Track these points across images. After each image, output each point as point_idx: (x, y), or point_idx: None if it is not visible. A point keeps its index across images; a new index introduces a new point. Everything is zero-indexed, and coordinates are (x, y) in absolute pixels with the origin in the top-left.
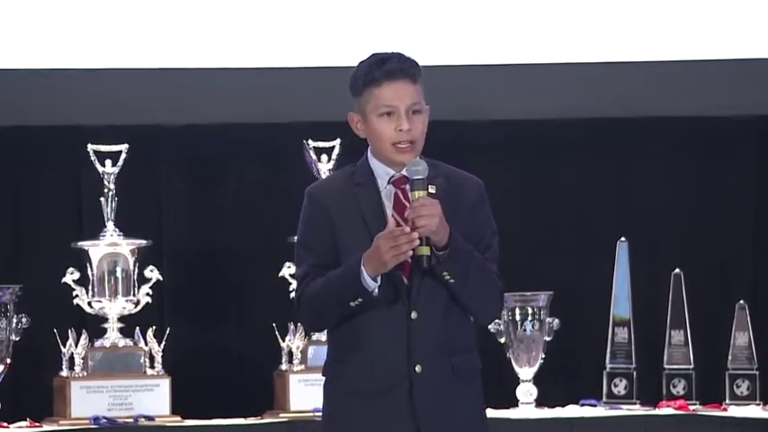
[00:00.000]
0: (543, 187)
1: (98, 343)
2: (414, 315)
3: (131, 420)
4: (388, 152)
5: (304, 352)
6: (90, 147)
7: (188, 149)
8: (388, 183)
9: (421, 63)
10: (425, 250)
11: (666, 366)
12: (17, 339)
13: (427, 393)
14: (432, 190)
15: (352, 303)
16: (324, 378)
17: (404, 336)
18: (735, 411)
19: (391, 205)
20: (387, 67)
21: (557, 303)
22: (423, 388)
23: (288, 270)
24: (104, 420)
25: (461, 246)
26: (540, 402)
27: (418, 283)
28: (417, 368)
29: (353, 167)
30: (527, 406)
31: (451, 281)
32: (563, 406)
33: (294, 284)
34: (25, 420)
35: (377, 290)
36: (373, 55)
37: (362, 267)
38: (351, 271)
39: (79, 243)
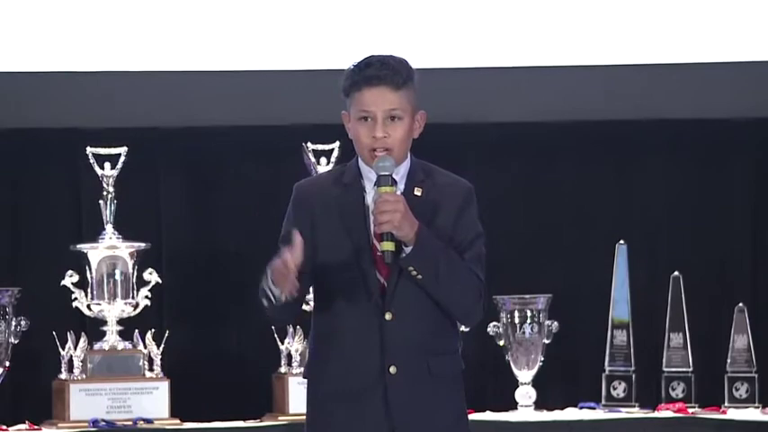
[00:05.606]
0: (542, 190)
1: (97, 346)
2: (388, 316)
3: (130, 423)
4: (365, 157)
5: (303, 354)
6: (89, 149)
7: (187, 152)
8: (375, 185)
9: (420, 66)
10: (388, 245)
11: (665, 369)
12: (16, 342)
13: (402, 395)
14: (417, 192)
15: (264, 303)
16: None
17: (377, 337)
18: (734, 414)
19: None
20: (367, 72)
21: (556, 306)
22: (397, 389)
23: None
24: (103, 423)
25: (430, 242)
26: (539, 405)
27: (395, 284)
28: (392, 369)
29: (344, 167)
30: (526, 409)
31: (419, 276)
32: (562, 409)
33: None
34: (24, 423)
35: (282, 297)
36: (365, 57)
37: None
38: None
39: (78, 246)
